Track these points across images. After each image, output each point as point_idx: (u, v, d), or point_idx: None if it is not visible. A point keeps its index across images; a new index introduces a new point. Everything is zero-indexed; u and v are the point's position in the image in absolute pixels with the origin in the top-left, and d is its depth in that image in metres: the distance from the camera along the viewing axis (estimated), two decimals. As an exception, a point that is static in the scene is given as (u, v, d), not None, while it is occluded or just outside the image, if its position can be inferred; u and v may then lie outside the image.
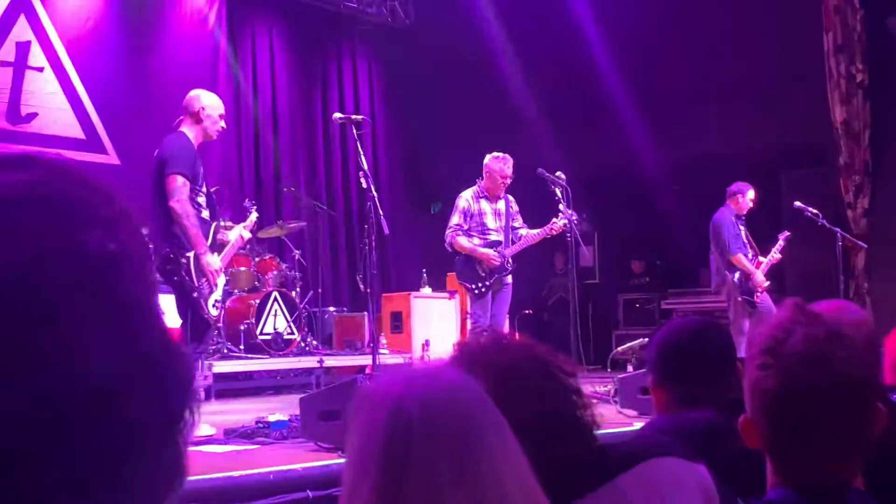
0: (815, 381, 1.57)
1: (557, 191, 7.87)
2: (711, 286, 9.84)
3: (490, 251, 7.91)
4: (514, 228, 8.13)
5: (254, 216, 6.87)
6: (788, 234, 9.52)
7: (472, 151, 12.86)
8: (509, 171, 7.99)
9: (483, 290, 7.90)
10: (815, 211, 9.42)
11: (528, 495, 1.17)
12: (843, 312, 2.59)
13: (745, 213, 9.32)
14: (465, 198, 8.07)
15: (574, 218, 7.95)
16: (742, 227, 9.32)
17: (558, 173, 7.94)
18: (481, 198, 8.06)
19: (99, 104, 10.71)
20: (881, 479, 1.69)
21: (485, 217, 8.03)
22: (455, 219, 8.03)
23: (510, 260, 8.01)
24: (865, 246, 10.53)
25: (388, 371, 1.38)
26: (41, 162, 0.64)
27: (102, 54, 10.77)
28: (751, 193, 9.29)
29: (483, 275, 7.90)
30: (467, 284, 8.01)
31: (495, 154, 8.10)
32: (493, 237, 8.01)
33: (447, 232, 8.04)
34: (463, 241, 7.93)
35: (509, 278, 8.05)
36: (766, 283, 9.26)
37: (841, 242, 9.54)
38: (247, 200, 8.83)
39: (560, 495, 1.23)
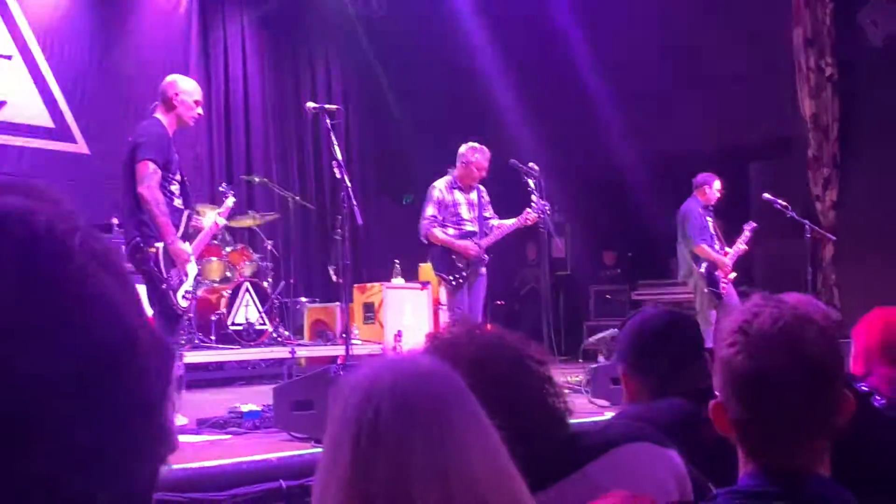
0: (783, 360, 1.61)
1: (530, 181, 7.86)
2: (679, 276, 9.94)
3: (468, 242, 7.88)
4: (486, 219, 8.10)
5: (230, 201, 6.71)
6: (755, 224, 9.60)
7: (445, 143, 12.87)
8: (485, 162, 7.93)
9: (461, 280, 7.87)
10: (783, 203, 9.51)
11: (502, 480, 1.19)
12: (808, 304, 2.64)
13: (712, 203, 9.41)
14: (439, 188, 7.99)
15: (547, 208, 7.96)
16: (710, 219, 9.40)
17: (531, 164, 7.93)
18: (455, 188, 7.99)
19: (68, 93, 10.62)
20: (847, 466, 1.73)
21: (459, 208, 7.97)
22: (429, 209, 7.94)
23: (485, 251, 8.00)
24: (834, 238, 10.64)
25: (365, 361, 1.40)
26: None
27: (72, 42, 10.68)
28: (717, 184, 9.38)
29: (460, 266, 7.87)
30: (444, 276, 7.95)
31: (472, 144, 8.01)
32: (468, 227, 7.97)
33: (422, 223, 7.96)
34: (438, 232, 7.88)
35: (484, 269, 8.04)
36: (733, 275, 9.34)
37: (809, 234, 9.64)
38: (224, 185, 8.71)
39: (532, 483, 1.25)
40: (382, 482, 1.12)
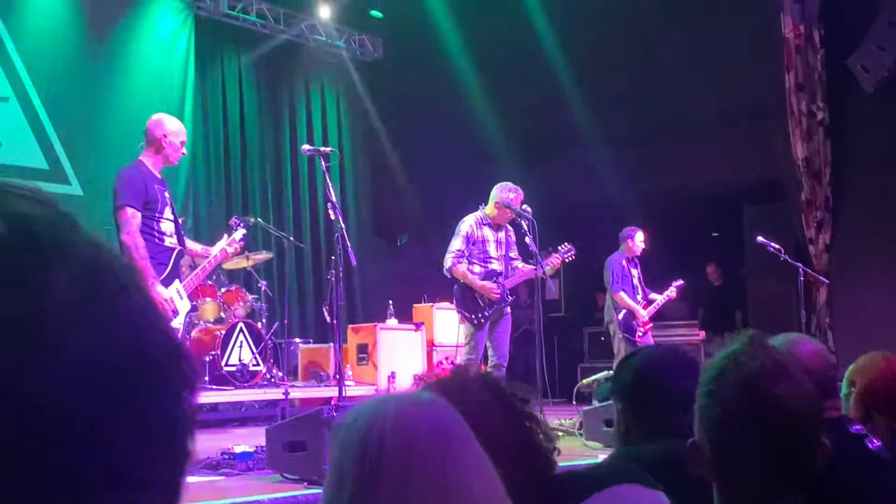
0: (755, 410, 1.62)
1: (524, 224, 7.88)
2: (604, 322, 10.35)
3: (491, 284, 7.85)
4: (511, 259, 8.12)
5: (240, 233, 6.68)
6: (682, 283, 10.19)
7: (439, 184, 12.95)
8: (518, 202, 7.93)
9: (482, 320, 7.82)
10: (777, 246, 9.56)
11: None
12: (798, 345, 2.65)
13: (637, 255, 9.94)
14: (469, 223, 7.97)
15: (571, 254, 8.07)
16: (635, 270, 9.97)
17: (525, 206, 7.96)
18: (485, 224, 7.99)
19: (63, 134, 10.64)
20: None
21: (487, 245, 7.95)
22: (457, 244, 7.90)
23: (508, 291, 8.00)
24: (827, 281, 10.67)
25: (365, 398, 1.43)
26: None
27: (68, 84, 10.71)
28: (639, 236, 9.91)
29: (482, 305, 7.84)
30: (466, 314, 7.88)
31: (506, 184, 8.02)
32: (494, 266, 7.94)
33: (447, 256, 7.90)
34: (463, 269, 7.85)
35: (509, 308, 8.02)
36: (649, 325, 9.91)
37: (803, 277, 9.67)
38: (234, 218, 8.70)
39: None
40: None
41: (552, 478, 1.75)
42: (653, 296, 10.08)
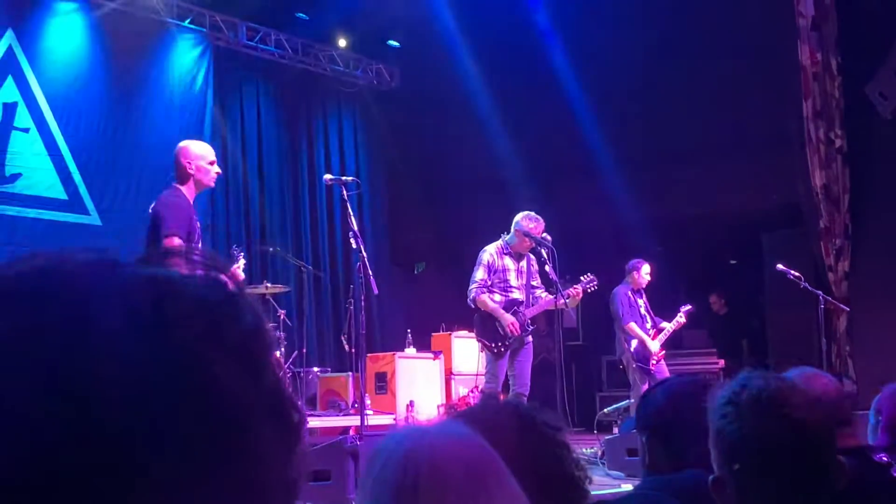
0: (770, 427, 1.64)
1: (543, 251, 7.90)
2: (616, 354, 10.37)
3: (511, 318, 7.85)
4: (533, 288, 8.13)
5: (241, 262, 6.70)
6: (690, 307, 10.18)
7: (456, 212, 12.98)
8: (539, 232, 7.96)
9: (502, 349, 7.83)
10: (797, 273, 9.52)
11: None
12: (810, 377, 2.65)
13: (642, 287, 9.99)
14: (490, 252, 8.02)
15: (593, 284, 8.09)
16: (641, 300, 10.00)
17: (544, 235, 7.98)
18: (506, 254, 8.02)
19: (83, 165, 10.70)
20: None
21: (508, 273, 7.98)
22: (479, 273, 7.95)
23: (529, 320, 8.00)
24: (847, 309, 10.60)
25: (396, 428, 1.44)
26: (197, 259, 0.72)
27: (88, 115, 10.79)
28: (646, 268, 9.95)
29: (503, 334, 7.85)
30: (486, 342, 7.92)
31: (528, 213, 8.06)
32: (515, 295, 7.97)
33: (471, 287, 7.95)
34: (487, 299, 7.87)
35: (530, 337, 8.03)
36: (661, 352, 9.87)
37: (823, 305, 9.62)
38: (234, 247, 8.71)
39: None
40: None
41: None
42: (663, 324, 10.06)
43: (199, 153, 6.05)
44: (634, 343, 9.77)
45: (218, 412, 0.61)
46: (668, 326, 10.02)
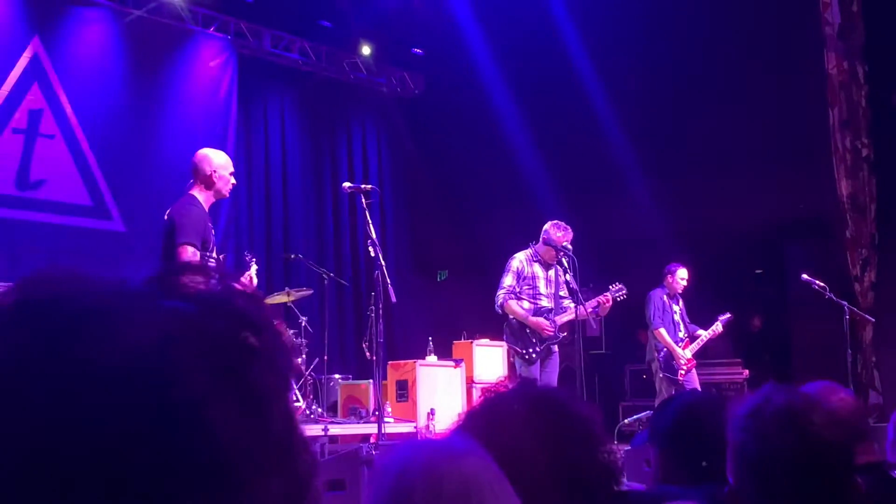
0: (790, 443, 1.62)
1: (564, 261, 7.88)
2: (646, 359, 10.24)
3: (543, 320, 7.85)
4: (560, 298, 8.12)
5: (253, 268, 6.71)
6: (729, 315, 9.99)
7: (479, 220, 12.95)
8: (562, 241, 7.94)
9: (534, 356, 7.86)
10: (822, 284, 9.44)
11: None
12: (827, 392, 2.61)
13: (678, 292, 9.86)
14: (520, 259, 8.04)
15: (622, 293, 8.05)
16: (677, 307, 9.86)
17: (565, 244, 7.97)
18: (535, 262, 8.03)
19: (107, 171, 10.77)
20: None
21: (537, 281, 7.99)
22: (508, 280, 7.96)
23: (559, 329, 7.99)
24: (873, 320, 10.50)
25: (398, 442, 1.43)
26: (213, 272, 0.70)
27: (113, 122, 10.87)
28: (681, 272, 9.84)
29: (534, 341, 7.86)
30: (518, 350, 7.94)
31: (556, 222, 8.07)
32: (544, 303, 7.97)
33: (499, 293, 7.96)
34: (515, 305, 7.88)
35: (556, 347, 8.03)
36: (692, 363, 9.73)
37: (848, 316, 9.53)
38: (246, 253, 8.73)
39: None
40: None
41: (615, 493, 1.71)
42: (699, 331, 9.93)
43: (223, 163, 6.09)
44: (664, 351, 9.69)
45: (214, 465, 0.58)
46: (704, 335, 9.86)
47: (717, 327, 9.89)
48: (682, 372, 9.60)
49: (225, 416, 0.59)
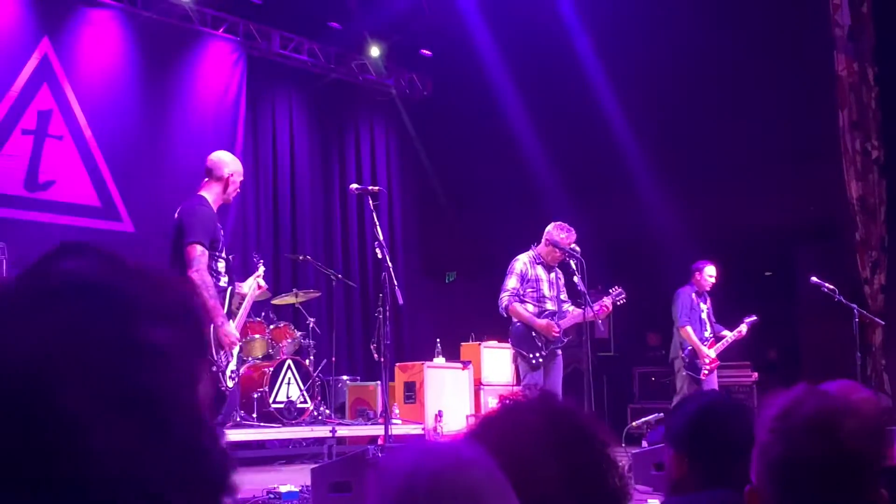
0: (819, 449, 1.60)
1: (572, 263, 7.83)
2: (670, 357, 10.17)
3: (550, 322, 7.80)
4: (561, 301, 8.07)
5: (261, 270, 6.70)
6: (755, 318, 9.85)
7: (488, 222, 12.93)
8: (569, 242, 7.87)
9: (540, 360, 7.78)
10: (831, 287, 9.39)
11: None
12: (849, 391, 2.59)
13: (706, 289, 9.77)
14: (523, 261, 7.94)
15: (622, 298, 7.99)
16: (704, 305, 9.77)
17: (573, 246, 7.91)
18: (538, 264, 7.95)
19: (116, 171, 10.78)
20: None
21: (541, 284, 7.90)
22: (511, 282, 7.87)
23: (563, 333, 7.95)
24: (883, 322, 10.45)
25: (404, 445, 1.41)
26: (97, 251, 0.63)
27: (122, 123, 10.88)
28: (709, 270, 9.76)
29: (540, 344, 7.79)
30: (524, 353, 7.84)
31: (558, 223, 7.97)
32: (548, 306, 7.88)
33: (502, 295, 7.87)
34: (520, 308, 7.80)
35: (560, 350, 7.97)
36: (715, 363, 9.61)
37: (858, 319, 9.48)
38: (254, 254, 8.75)
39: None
40: None
41: None
42: (724, 332, 9.84)
43: (237, 169, 6.13)
44: (689, 349, 9.61)
45: (99, 485, 0.54)
46: (729, 336, 9.76)
47: (742, 329, 9.77)
48: (706, 372, 9.51)
49: (107, 433, 0.54)
